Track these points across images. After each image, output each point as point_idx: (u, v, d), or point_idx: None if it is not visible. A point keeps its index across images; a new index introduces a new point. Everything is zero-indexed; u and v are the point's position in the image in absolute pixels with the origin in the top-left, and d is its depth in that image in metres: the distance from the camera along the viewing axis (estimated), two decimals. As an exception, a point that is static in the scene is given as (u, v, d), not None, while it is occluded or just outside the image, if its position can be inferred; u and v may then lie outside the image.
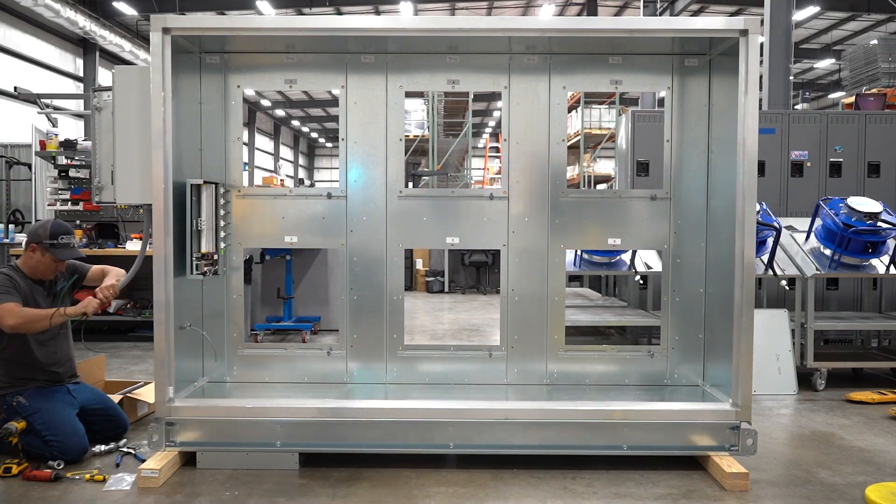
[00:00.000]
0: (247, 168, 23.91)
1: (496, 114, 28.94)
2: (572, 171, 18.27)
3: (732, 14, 18.30)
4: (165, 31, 3.29)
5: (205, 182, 3.57)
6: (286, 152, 38.42)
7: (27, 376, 3.56)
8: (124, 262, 6.76)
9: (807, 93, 20.17)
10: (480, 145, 31.34)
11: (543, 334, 3.95)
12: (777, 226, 5.03)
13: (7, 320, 3.41)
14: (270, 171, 32.16)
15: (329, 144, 42.44)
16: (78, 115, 17.12)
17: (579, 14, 20.05)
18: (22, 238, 8.98)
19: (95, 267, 3.87)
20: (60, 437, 3.43)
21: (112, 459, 3.53)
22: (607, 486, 3.22)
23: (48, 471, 3.25)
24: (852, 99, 7.68)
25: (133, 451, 3.59)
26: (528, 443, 3.39)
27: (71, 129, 17.15)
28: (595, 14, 18.01)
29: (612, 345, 5.07)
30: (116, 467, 3.43)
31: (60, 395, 3.61)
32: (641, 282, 6.07)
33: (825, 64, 23.21)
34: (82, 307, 3.53)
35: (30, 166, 10.43)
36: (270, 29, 3.54)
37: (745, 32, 3.29)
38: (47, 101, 9.22)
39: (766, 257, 5.14)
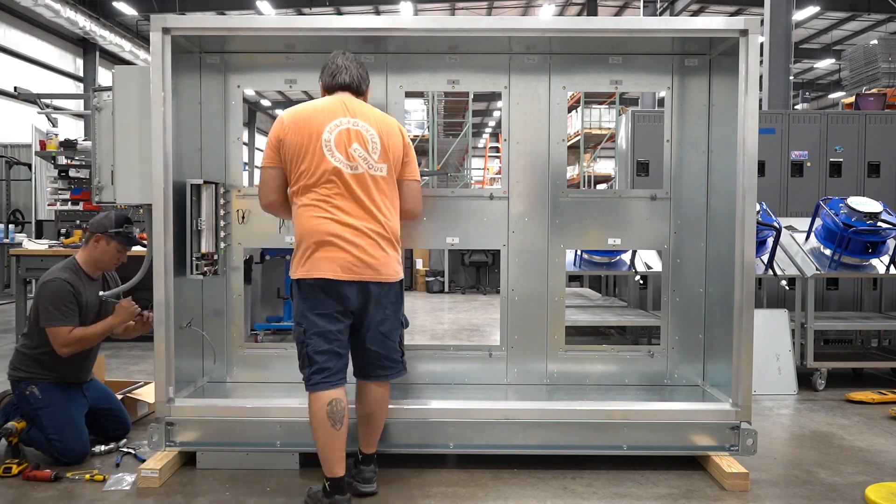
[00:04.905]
0: (247, 168, 23.89)
1: (496, 114, 28.95)
2: (572, 171, 18.28)
3: (732, 14, 18.30)
4: (165, 31, 3.29)
5: (205, 182, 3.57)
6: (286, 152, 38.36)
7: (50, 371, 3.53)
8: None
9: (807, 93, 20.20)
10: (480, 145, 31.34)
11: (543, 334, 3.95)
12: (777, 226, 5.03)
13: (62, 349, 3.47)
14: (270, 171, 32.09)
15: (329, 144, 42.37)
16: (78, 115, 17.12)
17: (579, 14, 20.06)
18: (22, 238, 8.98)
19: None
20: (63, 439, 3.43)
21: (112, 459, 3.54)
22: (607, 486, 3.22)
23: (48, 471, 3.25)
24: (852, 99, 7.68)
25: (133, 451, 3.59)
26: (528, 443, 3.39)
27: (71, 129, 17.15)
28: (595, 14, 18.01)
29: (612, 345, 5.06)
30: (116, 467, 3.43)
31: (73, 395, 3.59)
32: (641, 282, 6.06)
33: (825, 64, 23.21)
34: (123, 318, 3.63)
35: (30, 166, 10.45)
36: (270, 29, 3.53)
37: (745, 32, 3.29)
38: (47, 101, 9.23)
39: (766, 257, 5.14)
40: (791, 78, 10.05)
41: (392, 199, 3.01)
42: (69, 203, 7.65)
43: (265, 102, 30.93)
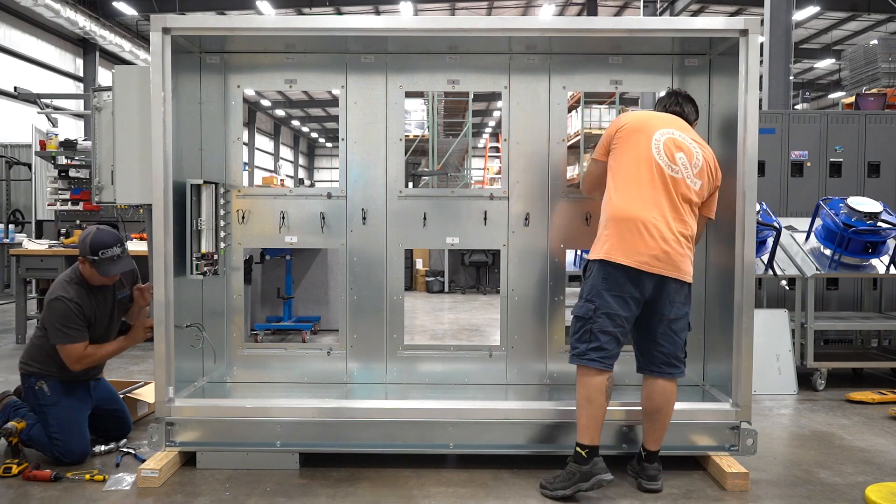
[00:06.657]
0: (247, 168, 23.88)
1: (496, 114, 28.94)
2: (572, 171, 18.25)
3: (732, 14, 18.30)
4: (165, 31, 3.29)
5: (205, 182, 3.57)
6: (286, 152, 38.43)
7: (62, 368, 3.51)
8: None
9: (807, 93, 20.18)
10: (480, 145, 31.32)
11: (543, 334, 3.95)
12: (777, 226, 5.03)
13: (74, 366, 3.45)
14: (270, 171, 32.16)
15: (329, 144, 42.44)
16: (78, 115, 17.13)
17: (579, 14, 20.06)
18: (22, 238, 8.99)
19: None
20: (66, 439, 3.43)
21: (112, 459, 3.54)
22: (608, 486, 3.21)
23: (48, 471, 3.25)
24: (852, 99, 7.68)
25: (133, 451, 3.59)
26: (528, 443, 3.39)
27: (71, 129, 17.16)
28: (595, 14, 18.02)
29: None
30: (116, 467, 3.43)
31: (80, 394, 3.60)
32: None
33: (825, 64, 23.22)
34: (139, 338, 3.62)
35: (30, 166, 10.44)
36: (270, 29, 3.54)
37: (745, 32, 3.29)
38: (47, 101, 9.23)
39: (766, 257, 5.14)
40: (791, 78, 10.05)
41: (695, 209, 3.17)
42: (69, 203, 7.64)
43: (265, 102, 30.94)
